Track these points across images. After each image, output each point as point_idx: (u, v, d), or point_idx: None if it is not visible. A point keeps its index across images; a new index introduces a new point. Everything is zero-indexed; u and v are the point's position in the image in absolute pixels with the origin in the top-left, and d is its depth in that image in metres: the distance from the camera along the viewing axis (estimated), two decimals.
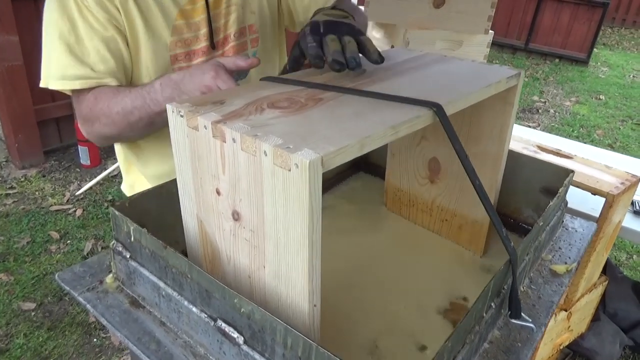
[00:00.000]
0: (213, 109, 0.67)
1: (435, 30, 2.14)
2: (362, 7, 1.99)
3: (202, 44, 1.04)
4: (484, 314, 0.80)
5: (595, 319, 1.94)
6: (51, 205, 3.06)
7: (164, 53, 1.02)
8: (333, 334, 0.87)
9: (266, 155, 0.57)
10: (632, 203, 1.84)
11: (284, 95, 0.73)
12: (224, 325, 0.71)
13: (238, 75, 1.07)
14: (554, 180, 1.14)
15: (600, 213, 1.69)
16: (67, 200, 3.13)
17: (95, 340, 2.17)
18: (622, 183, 1.71)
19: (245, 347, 0.69)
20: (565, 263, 1.07)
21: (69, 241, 2.76)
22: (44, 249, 2.69)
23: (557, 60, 7.18)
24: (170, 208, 0.90)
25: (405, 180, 1.20)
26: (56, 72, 0.97)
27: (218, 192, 0.68)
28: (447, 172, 1.11)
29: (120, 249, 0.86)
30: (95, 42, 0.96)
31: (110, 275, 0.91)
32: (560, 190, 1.07)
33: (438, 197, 1.14)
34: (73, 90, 0.99)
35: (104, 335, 2.20)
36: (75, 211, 3.03)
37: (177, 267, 0.75)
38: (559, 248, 1.12)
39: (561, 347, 1.89)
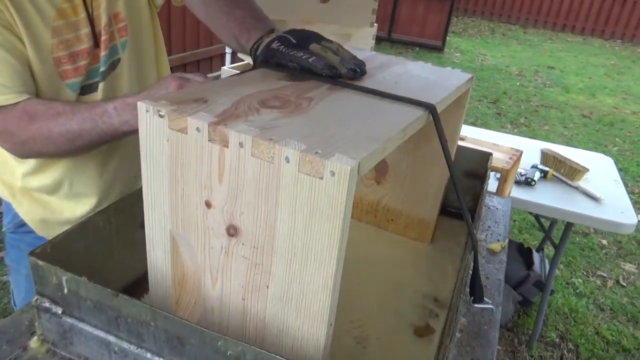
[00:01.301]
0: (200, 108, 0.57)
1: (324, 25, 2.19)
2: None
3: (85, 45, 0.97)
4: (457, 304, 0.82)
5: None
6: None
7: (47, 56, 0.93)
8: None
9: (288, 161, 0.50)
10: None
11: (269, 94, 0.65)
12: None
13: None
14: (474, 164, 1.21)
15: (497, 187, 1.88)
16: None
17: None
18: (510, 158, 1.92)
19: None
20: (498, 240, 1.15)
21: None
22: None
23: (417, 48, 7.79)
24: (99, 246, 0.80)
25: None
26: None
27: (209, 205, 0.59)
28: (395, 173, 1.11)
29: (47, 304, 0.69)
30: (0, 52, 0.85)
31: (35, 338, 0.73)
32: (487, 172, 1.14)
33: (384, 198, 1.14)
34: None
35: None
36: None
37: (135, 316, 0.62)
38: (489, 227, 1.21)
39: None
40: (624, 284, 2.77)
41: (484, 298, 0.90)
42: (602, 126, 5.13)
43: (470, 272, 0.87)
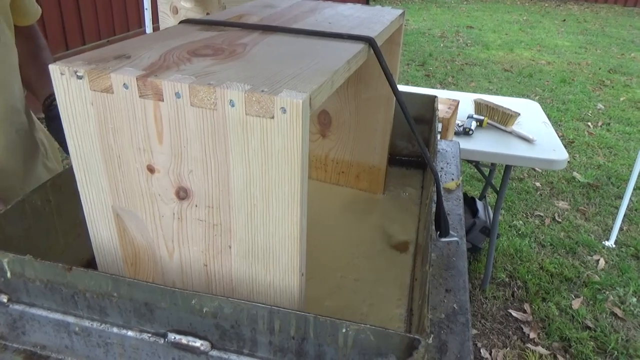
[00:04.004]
0: (123, 63, 0.51)
1: None
2: None
3: None
4: (429, 241, 0.82)
5: None
6: None
7: None
8: None
9: (233, 105, 0.46)
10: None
11: (199, 44, 0.60)
12: (178, 337, 0.57)
13: None
14: (420, 108, 1.21)
15: (439, 136, 1.92)
16: None
17: None
18: (449, 107, 1.96)
19: (215, 353, 0.57)
20: (452, 179, 1.17)
21: None
22: None
23: None
24: (40, 228, 0.73)
25: None
26: None
27: (151, 170, 0.54)
28: (339, 124, 1.09)
29: None
30: None
31: None
32: (434, 115, 1.15)
33: (332, 151, 1.12)
34: None
35: None
36: None
37: (94, 289, 0.57)
38: (441, 169, 1.23)
39: None
40: (560, 220, 2.95)
41: (449, 232, 0.91)
42: (522, 78, 5.40)
43: (434, 209, 0.87)
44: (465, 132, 2.09)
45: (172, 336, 0.57)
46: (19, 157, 0.98)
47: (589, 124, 4.29)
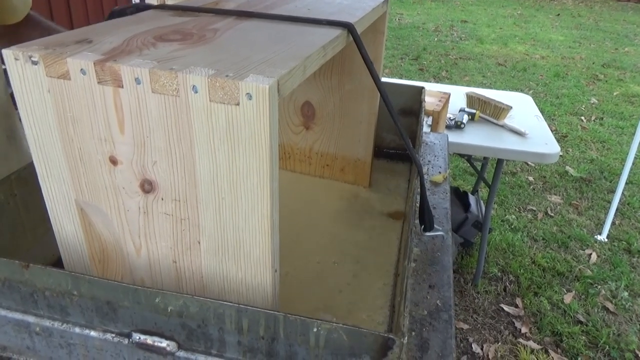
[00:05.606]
0: (82, 48, 0.48)
1: None
2: None
3: None
4: (410, 235, 0.80)
5: None
6: None
7: None
8: None
9: (196, 91, 0.43)
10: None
11: (167, 29, 0.57)
12: (143, 337, 0.54)
13: None
14: (407, 99, 1.18)
15: (430, 130, 1.90)
16: None
17: None
18: (440, 100, 1.94)
19: (182, 354, 0.55)
20: (440, 172, 1.15)
21: None
22: None
23: None
24: (4, 223, 0.69)
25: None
26: None
27: (114, 161, 0.51)
28: (323, 116, 1.06)
29: None
30: None
31: None
32: (421, 106, 1.12)
33: (316, 143, 1.10)
34: None
35: None
36: None
37: (53, 287, 0.54)
38: (429, 162, 1.20)
39: None
40: (552, 214, 2.94)
41: (434, 226, 0.88)
42: (516, 72, 5.39)
43: (417, 203, 0.84)
44: (457, 126, 2.06)
45: (136, 336, 0.54)
46: (10, 164, 0.93)
47: (583, 118, 4.28)
